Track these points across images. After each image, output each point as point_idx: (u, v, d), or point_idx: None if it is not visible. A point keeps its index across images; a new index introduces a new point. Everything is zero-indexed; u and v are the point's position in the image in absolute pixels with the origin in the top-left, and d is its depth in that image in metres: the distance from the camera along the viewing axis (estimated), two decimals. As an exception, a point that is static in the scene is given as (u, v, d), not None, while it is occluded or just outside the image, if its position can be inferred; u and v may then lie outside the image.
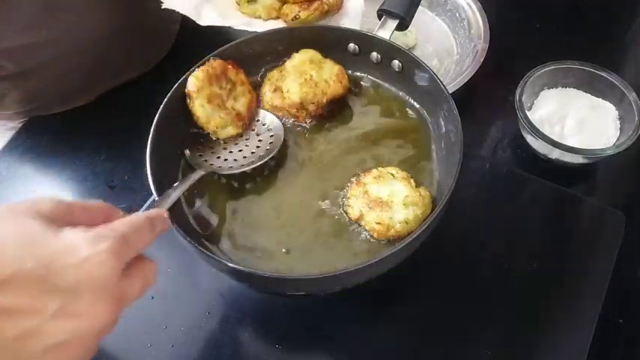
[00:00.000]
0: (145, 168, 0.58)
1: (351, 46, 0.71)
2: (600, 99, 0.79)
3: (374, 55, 0.71)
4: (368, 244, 0.61)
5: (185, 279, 0.66)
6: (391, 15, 0.71)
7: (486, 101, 0.88)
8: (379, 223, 0.59)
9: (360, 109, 0.71)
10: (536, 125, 0.74)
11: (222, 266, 0.55)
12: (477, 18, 0.87)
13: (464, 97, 0.78)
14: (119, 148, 0.82)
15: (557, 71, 0.79)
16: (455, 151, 0.59)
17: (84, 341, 0.40)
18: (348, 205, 0.62)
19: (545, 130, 0.75)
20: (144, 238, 0.45)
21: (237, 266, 0.54)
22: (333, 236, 0.61)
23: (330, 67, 0.70)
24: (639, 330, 0.66)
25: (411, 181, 0.62)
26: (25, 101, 0.83)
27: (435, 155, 0.67)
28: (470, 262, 0.67)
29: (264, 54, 0.72)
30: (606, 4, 1.00)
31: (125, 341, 0.62)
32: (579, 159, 0.75)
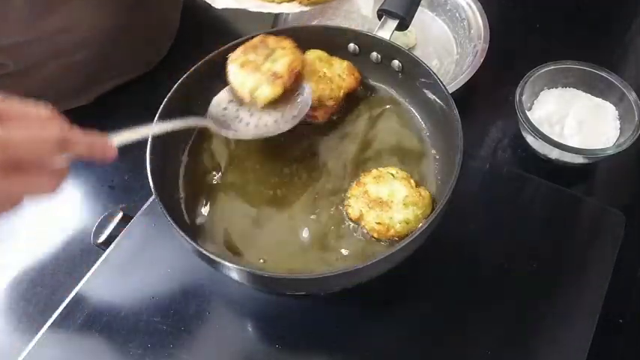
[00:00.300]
0: (145, 168, 0.58)
1: (351, 46, 0.71)
2: (600, 99, 0.79)
3: (374, 55, 0.71)
4: (368, 244, 0.61)
5: (185, 279, 0.66)
6: (391, 15, 0.71)
7: (486, 101, 0.88)
8: (379, 223, 0.59)
9: (360, 109, 0.71)
10: (536, 125, 0.74)
11: (222, 266, 0.55)
12: (476, 18, 0.87)
13: (464, 97, 0.78)
14: (119, 148, 0.82)
15: (557, 71, 0.79)
16: (455, 151, 0.59)
17: None
18: (348, 205, 0.62)
19: (545, 130, 0.75)
20: (38, 152, 0.43)
21: (238, 266, 0.54)
22: (332, 236, 0.61)
23: (340, 63, 0.70)
24: (639, 330, 0.66)
25: (411, 181, 0.62)
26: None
27: (435, 155, 0.67)
28: (470, 262, 0.67)
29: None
30: (606, 4, 1.00)
31: (125, 341, 0.62)
32: (579, 159, 0.75)
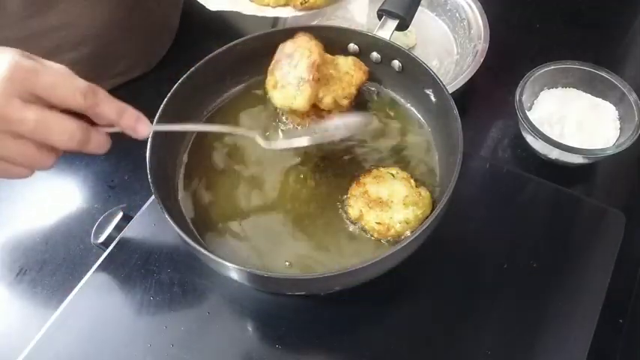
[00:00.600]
0: (145, 168, 0.58)
1: (351, 46, 0.71)
2: (600, 99, 0.79)
3: (374, 55, 0.71)
4: (368, 244, 0.61)
5: (185, 279, 0.66)
6: (391, 15, 0.71)
7: (486, 101, 0.88)
8: (379, 223, 0.59)
9: (360, 109, 0.71)
10: (536, 125, 0.74)
11: (221, 266, 0.55)
12: (476, 18, 0.87)
13: (464, 97, 0.79)
14: (119, 148, 0.82)
15: (557, 71, 0.79)
16: (455, 151, 0.59)
17: None
18: (348, 205, 0.62)
19: (545, 130, 0.75)
20: (62, 91, 0.46)
21: (238, 266, 0.54)
22: (332, 236, 0.61)
23: (345, 60, 0.69)
24: (639, 330, 0.66)
25: (411, 181, 0.62)
26: None
27: (435, 155, 0.67)
28: (470, 262, 0.67)
29: (264, 54, 0.71)
30: (606, 4, 1.00)
31: (125, 341, 0.62)
32: (579, 159, 0.75)
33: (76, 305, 0.65)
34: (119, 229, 0.68)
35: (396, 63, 0.69)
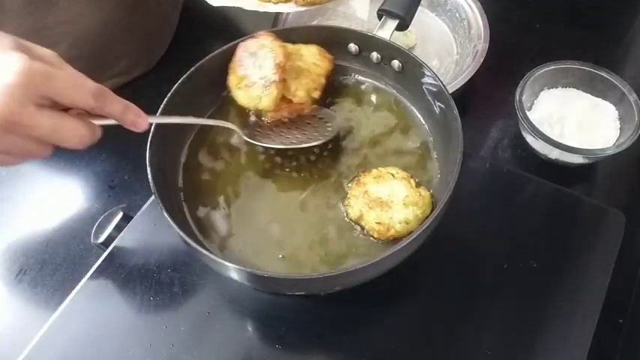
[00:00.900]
0: (145, 168, 0.58)
1: (351, 46, 0.71)
2: (600, 99, 0.79)
3: (374, 55, 0.71)
4: (368, 244, 0.61)
5: (185, 279, 0.66)
6: (391, 15, 0.71)
7: (486, 101, 0.88)
8: (379, 223, 0.59)
9: (360, 109, 0.71)
10: (536, 125, 0.74)
11: (221, 266, 0.55)
12: (476, 18, 0.87)
13: (464, 97, 0.79)
14: (119, 148, 0.82)
15: (557, 71, 0.79)
16: (455, 151, 0.59)
17: None
18: (348, 205, 0.62)
19: (545, 130, 0.75)
20: (74, 94, 0.46)
21: (237, 266, 0.54)
22: (332, 236, 0.61)
23: (308, 50, 0.69)
24: (639, 330, 0.66)
25: (411, 181, 0.62)
26: None
27: (435, 155, 0.67)
28: (470, 262, 0.67)
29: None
30: (606, 4, 1.00)
31: (125, 341, 0.62)
32: (579, 159, 0.75)
33: (76, 305, 0.65)
34: (119, 229, 0.68)
35: (396, 63, 0.69)
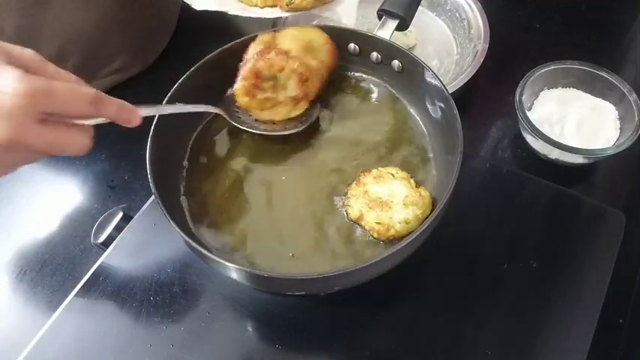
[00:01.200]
0: (145, 168, 0.58)
1: (351, 46, 0.71)
2: (600, 99, 0.79)
3: (374, 55, 0.71)
4: (368, 244, 0.61)
5: (185, 279, 0.66)
6: (391, 15, 0.71)
7: (486, 101, 0.88)
8: (379, 223, 0.59)
9: (360, 109, 0.71)
10: (536, 125, 0.74)
11: (222, 266, 0.55)
12: (476, 18, 0.87)
13: (464, 97, 0.79)
14: (119, 148, 0.83)
15: (557, 71, 0.79)
16: (455, 151, 0.59)
17: None
18: (348, 205, 0.62)
19: (545, 130, 0.75)
20: (74, 106, 0.46)
21: (237, 266, 0.54)
22: (332, 236, 0.61)
23: (320, 46, 0.69)
24: (639, 330, 0.66)
25: (411, 181, 0.62)
26: None
27: (435, 155, 0.67)
28: (470, 262, 0.67)
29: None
30: (606, 4, 1.00)
31: (125, 341, 0.62)
32: (579, 159, 0.75)
33: (76, 305, 0.65)
34: (119, 229, 0.68)
35: (396, 63, 0.69)
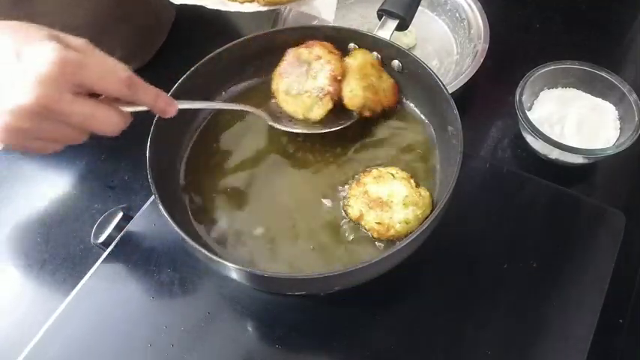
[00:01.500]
0: (145, 168, 0.58)
1: (351, 46, 0.71)
2: (600, 99, 0.79)
3: (374, 55, 0.71)
4: (368, 244, 0.61)
5: (185, 279, 0.66)
6: (391, 15, 0.71)
7: (486, 101, 0.88)
8: (379, 223, 0.59)
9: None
10: (536, 125, 0.74)
11: (222, 266, 0.55)
12: (476, 18, 0.87)
13: (464, 97, 0.79)
14: (119, 148, 0.82)
15: (557, 71, 0.79)
16: (455, 151, 0.59)
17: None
18: (348, 205, 0.62)
19: (545, 130, 0.75)
20: (108, 82, 0.48)
21: (237, 266, 0.54)
22: (332, 236, 0.61)
23: (387, 79, 0.69)
24: (639, 330, 0.66)
25: (411, 181, 0.62)
26: None
27: (435, 155, 0.67)
28: (470, 262, 0.67)
29: (263, 52, 0.71)
30: (606, 4, 1.00)
31: (125, 341, 0.62)
32: (579, 159, 0.75)
33: (76, 305, 0.65)
34: (119, 229, 0.68)
35: (396, 63, 0.69)
